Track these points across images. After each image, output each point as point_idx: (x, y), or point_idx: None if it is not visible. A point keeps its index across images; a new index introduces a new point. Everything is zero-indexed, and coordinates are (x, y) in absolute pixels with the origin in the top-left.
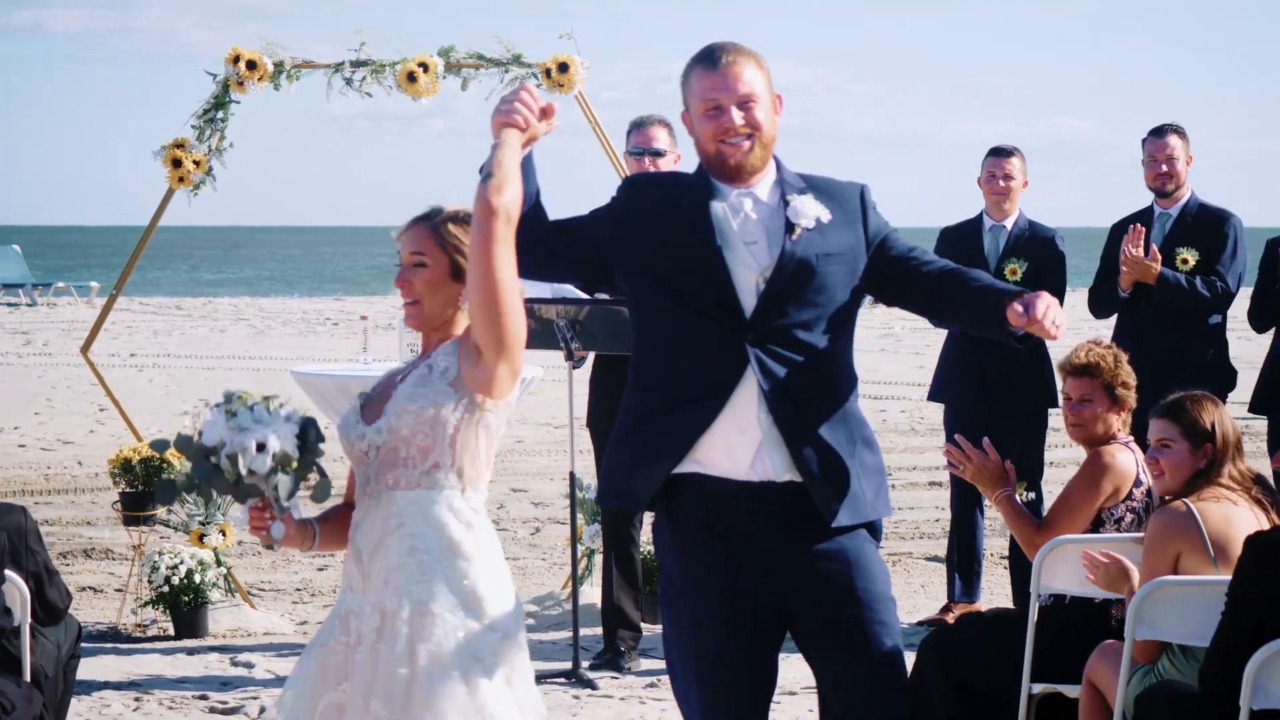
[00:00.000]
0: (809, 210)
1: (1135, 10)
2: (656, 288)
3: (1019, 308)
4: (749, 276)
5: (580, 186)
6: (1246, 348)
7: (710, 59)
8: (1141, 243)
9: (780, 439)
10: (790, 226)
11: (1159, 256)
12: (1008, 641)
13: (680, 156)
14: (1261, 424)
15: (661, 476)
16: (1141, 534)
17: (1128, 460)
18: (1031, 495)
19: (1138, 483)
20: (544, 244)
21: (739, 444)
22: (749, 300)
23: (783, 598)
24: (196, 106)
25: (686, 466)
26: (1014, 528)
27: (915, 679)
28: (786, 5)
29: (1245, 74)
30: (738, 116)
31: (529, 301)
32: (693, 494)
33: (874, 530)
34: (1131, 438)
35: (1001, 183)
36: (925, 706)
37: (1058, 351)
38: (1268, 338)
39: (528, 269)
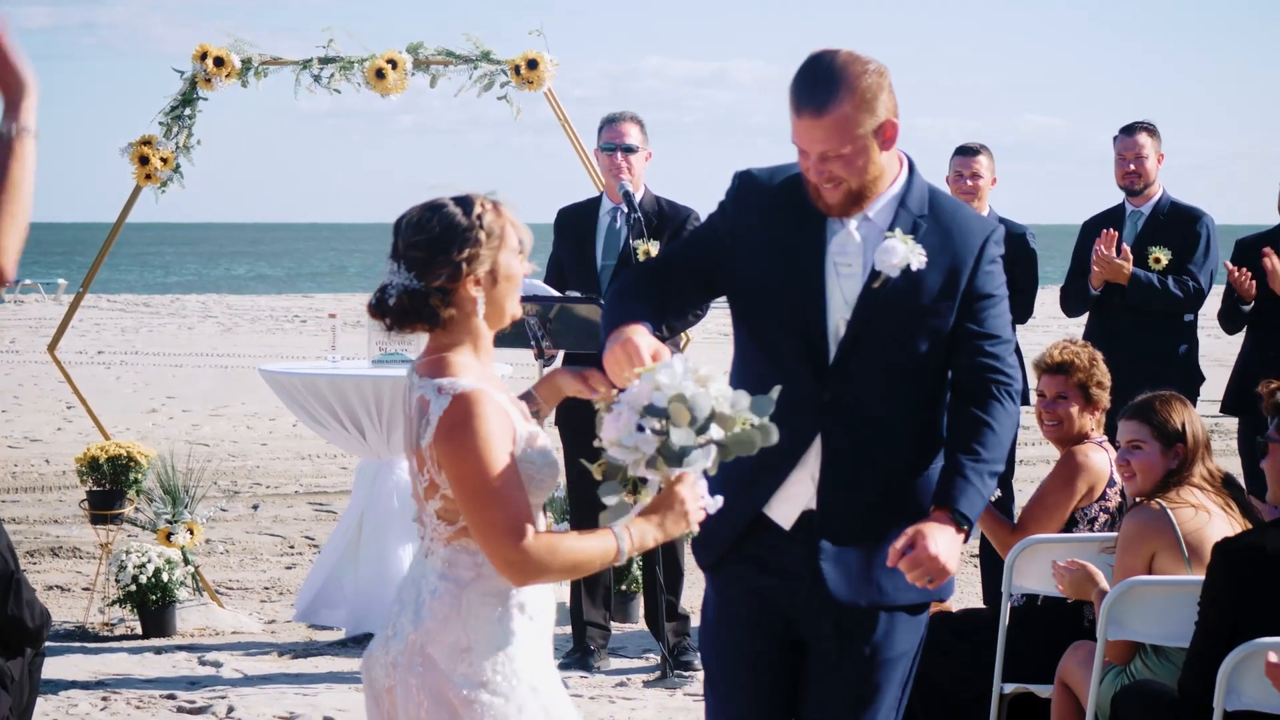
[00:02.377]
0: (898, 253)
1: (1104, 7)
2: (743, 319)
3: (899, 545)
4: (838, 312)
5: (548, 184)
6: (1216, 346)
7: (796, 100)
8: (1114, 247)
9: (826, 512)
10: (875, 274)
11: (1130, 256)
12: (979, 641)
13: (651, 154)
14: (1230, 422)
15: (741, 528)
16: (1111, 535)
17: (1102, 460)
18: (998, 493)
19: (1111, 482)
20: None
21: (790, 499)
22: (833, 342)
23: (805, 635)
24: (164, 103)
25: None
26: (988, 529)
27: None
28: (755, 2)
29: (1216, 72)
30: (816, 169)
31: None
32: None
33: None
34: (1105, 438)
35: (969, 181)
36: (910, 703)
37: (1030, 350)
38: (1239, 336)
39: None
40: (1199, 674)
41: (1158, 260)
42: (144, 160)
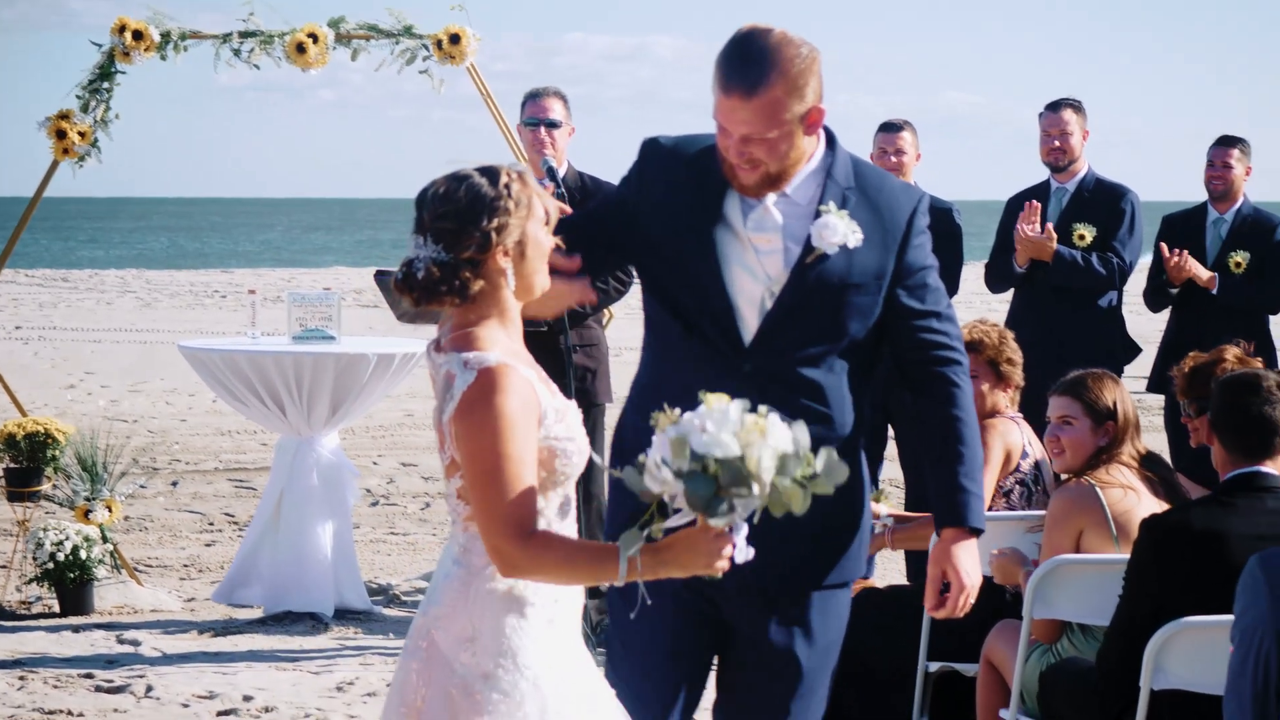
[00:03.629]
0: (837, 230)
1: None
2: (654, 291)
3: (937, 589)
4: (755, 291)
5: (470, 159)
6: (1139, 323)
7: (725, 78)
8: (1037, 220)
9: None
10: (810, 248)
11: (1054, 235)
12: (904, 618)
13: (575, 129)
14: (1153, 399)
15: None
16: (1037, 513)
17: (1013, 430)
18: (881, 501)
19: (1024, 454)
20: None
21: None
22: (750, 322)
23: (728, 616)
24: (82, 77)
25: None
26: (916, 541)
27: None
28: None
29: (1140, 50)
30: (736, 150)
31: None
32: None
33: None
34: (1020, 415)
35: (894, 158)
36: (835, 682)
37: None
38: (1163, 314)
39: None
40: (1119, 650)
41: (1082, 237)
42: (61, 134)
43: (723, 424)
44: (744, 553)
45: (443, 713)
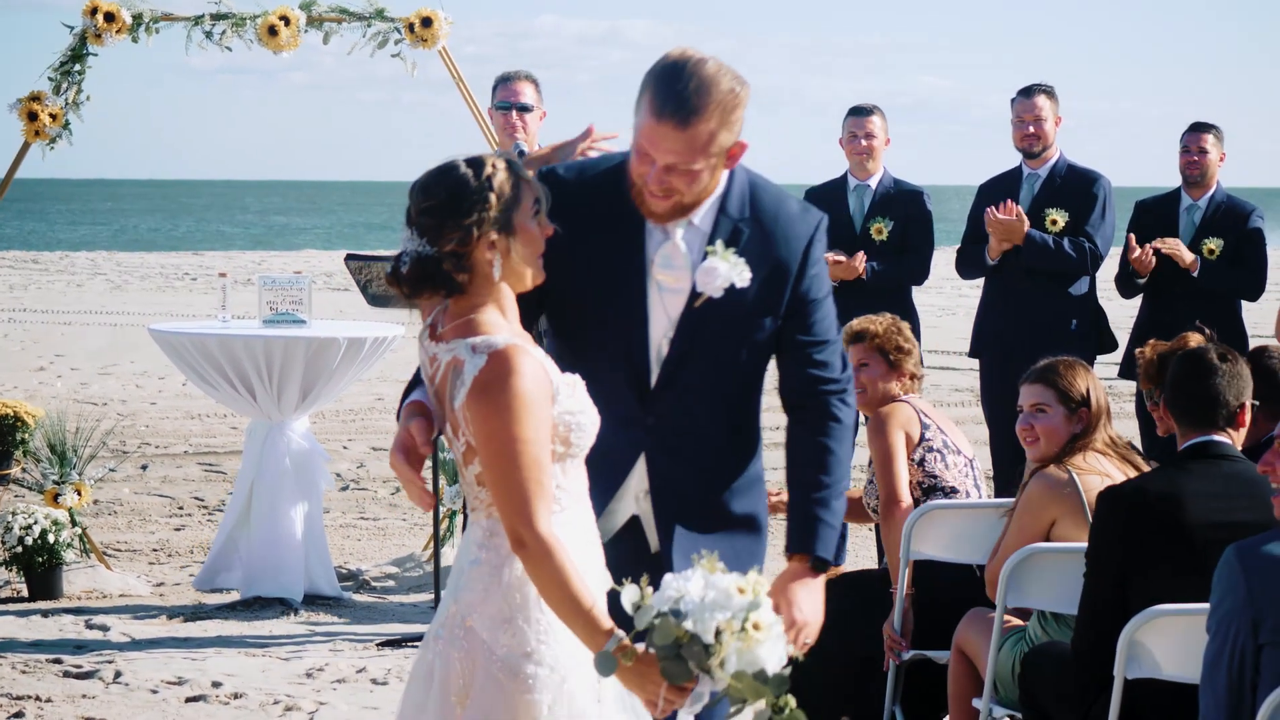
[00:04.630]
0: (721, 274)
1: None
2: (565, 335)
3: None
4: (660, 330)
5: (441, 143)
6: (1110, 309)
7: (658, 104)
8: (1011, 213)
9: (654, 524)
10: (695, 294)
11: (1025, 218)
12: (870, 601)
13: (546, 114)
14: (1124, 385)
15: None
16: (1006, 500)
17: (903, 410)
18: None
19: (924, 425)
20: None
21: (617, 513)
22: (655, 362)
23: None
24: (53, 59)
25: None
26: (863, 518)
27: None
28: None
29: (1110, 34)
30: (656, 177)
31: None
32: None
33: None
34: (913, 396)
35: (863, 142)
36: (807, 668)
37: (924, 311)
38: (1136, 300)
39: None
40: (1094, 631)
41: (1055, 222)
42: (33, 116)
43: (715, 609)
44: (688, 713)
45: (495, 696)
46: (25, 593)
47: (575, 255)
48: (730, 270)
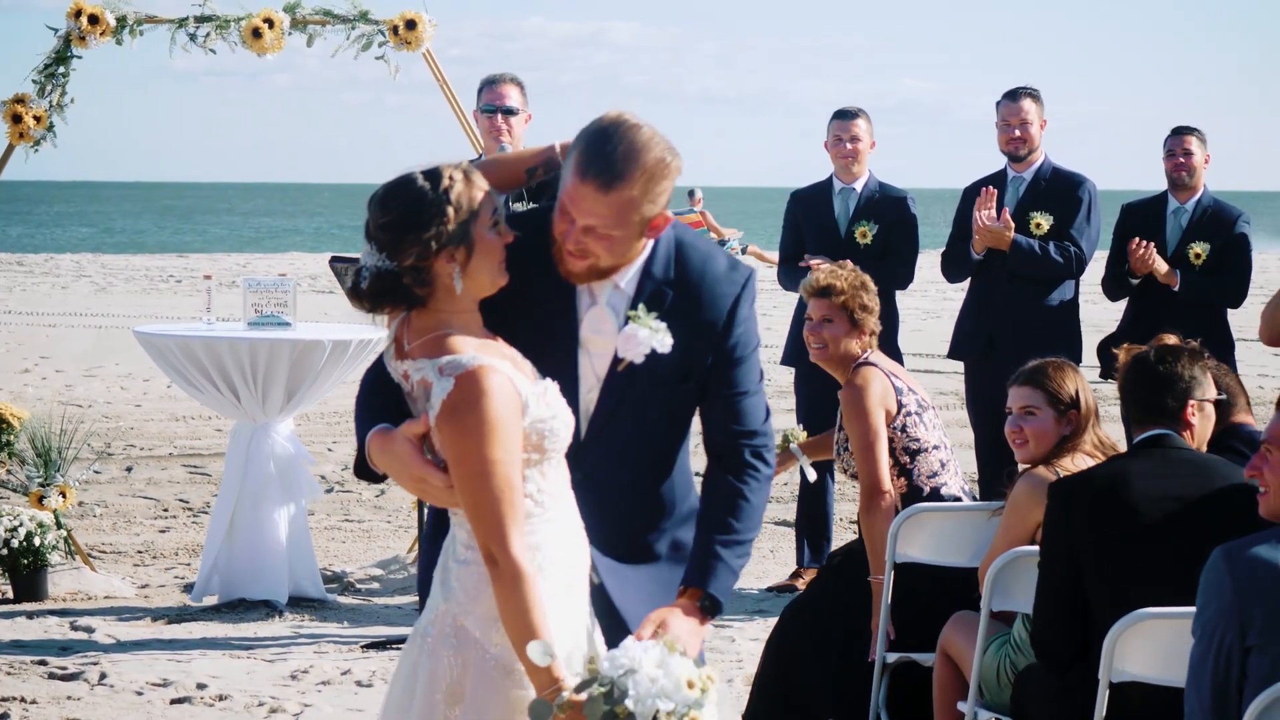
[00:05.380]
0: (642, 341)
1: None
2: None
3: (644, 634)
4: (590, 391)
5: (426, 146)
6: (1095, 312)
7: (584, 164)
8: (994, 206)
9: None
10: (616, 360)
11: (1011, 224)
12: (862, 608)
13: (531, 116)
14: (1109, 388)
15: None
16: (993, 503)
17: (876, 377)
18: (801, 437)
19: (897, 390)
20: None
21: None
22: (584, 421)
23: None
24: (37, 61)
25: None
26: (822, 449)
27: (782, 645)
28: None
29: (1094, 37)
30: (574, 238)
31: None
32: None
33: None
34: (871, 352)
35: (848, 145)
36: (793, 671)
37: (907, 315)
38: (1119, 303)
39: None
40: (1048, 627)
41: (1039, 225)
42: (17, 119)
43: (660, 696)
44: None
45: (490, 693)
46: (10, 594)
47: (516, 306)
48: (651, 337)
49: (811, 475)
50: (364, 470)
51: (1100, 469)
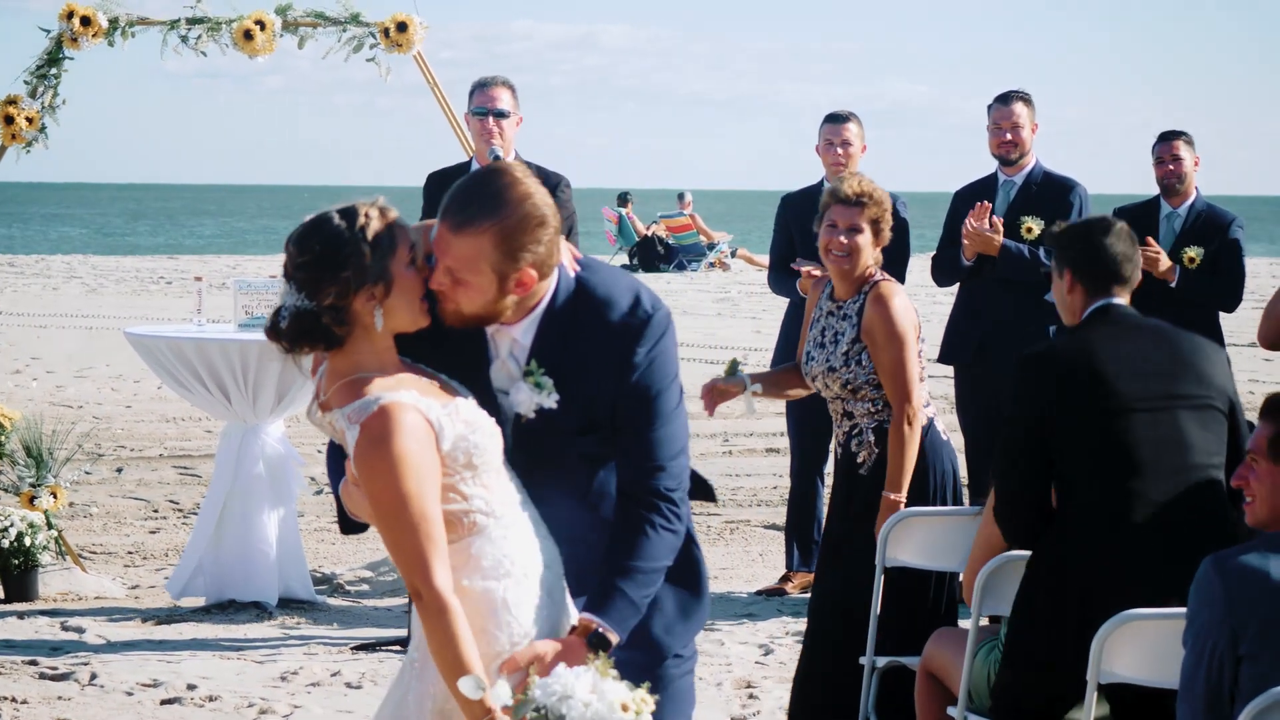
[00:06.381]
0: (526, 402)
1: None
2: None
3: (520, 661)
4: (505, 438)
5: (416, 148)
6: None
7: (448, 199)
8: (986, 218)
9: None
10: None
11: (1000, 228)
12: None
13: (522, 119)
14: None
15: None
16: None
17: (909, 304)
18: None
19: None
20: None
21: None
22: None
23: None
24: (29, 62)
25: None
26: (780, 387)
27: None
28: None
29: (1084, 41)
30: (436, 276)
31: None
32: None
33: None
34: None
35: (840, 149)
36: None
37: None
38: None
39: None
40: (1013, 470)
41: (1030, 230)
42: (9, 120)
43: (591, 718)
44: None
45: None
46: (1, 594)
47: (437, 350)
48: (536, 395)
49: (753, 408)
50: (347, 525)
51: (1062, 343)
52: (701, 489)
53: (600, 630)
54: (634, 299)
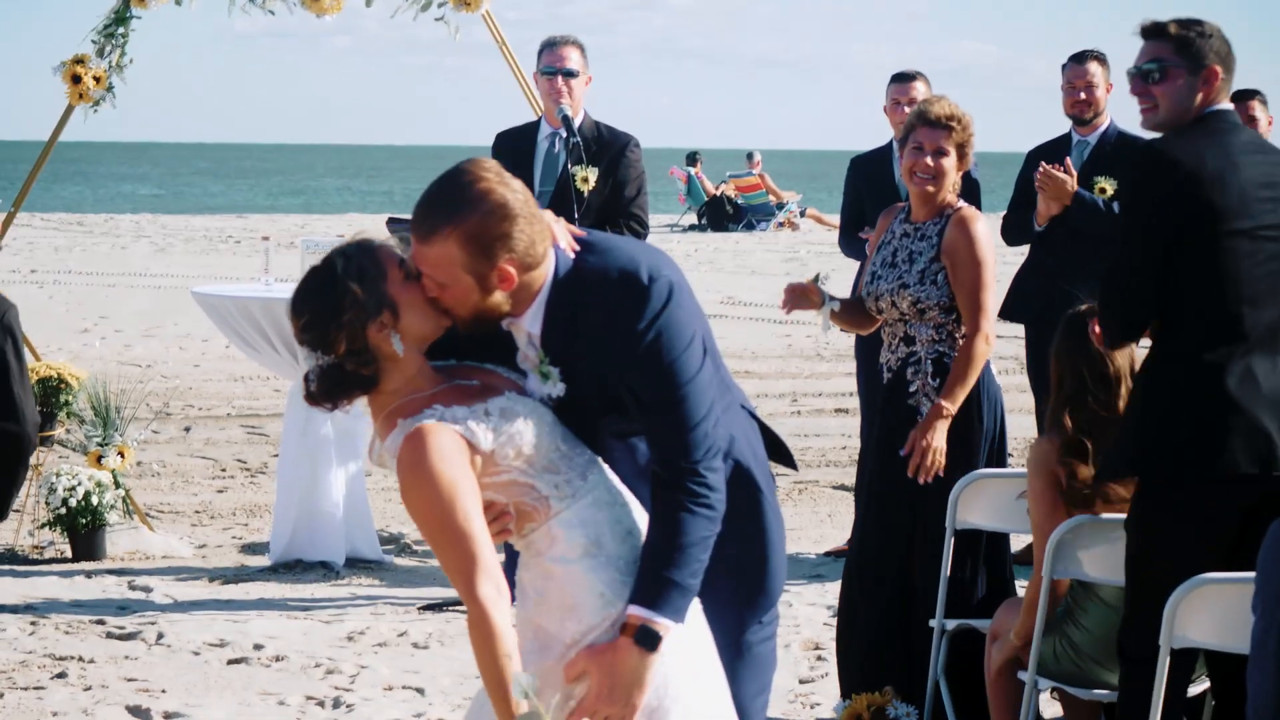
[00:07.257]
0: (539, 388)
1: None
2: None
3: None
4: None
5: (483, 108)
6: None
7: (412, 211)
8: (1062, 171)
9: None
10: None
11: (1074, 174)
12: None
13: (591, 79)
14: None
15: None
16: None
17: (983, 218)
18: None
19: None
20: None
21: None
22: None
23: None
24: (97, 21)
25: None
26: (853, 322)
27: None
28: None
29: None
30: (430, 287)
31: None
32: None
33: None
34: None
35: (907, 109)
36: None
37: None
38: None
39: None
40: (1129, 280)
41: (1103, 190)
42: (76, 79)
43: None
44: None
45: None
46: (69, 554)
47: (482, 344)
48: (543, 385)
49: (829, 325)
50: None
51: (1171, 143)
52: (780, 453)
53: (648, 625)
54: (630, 272)
